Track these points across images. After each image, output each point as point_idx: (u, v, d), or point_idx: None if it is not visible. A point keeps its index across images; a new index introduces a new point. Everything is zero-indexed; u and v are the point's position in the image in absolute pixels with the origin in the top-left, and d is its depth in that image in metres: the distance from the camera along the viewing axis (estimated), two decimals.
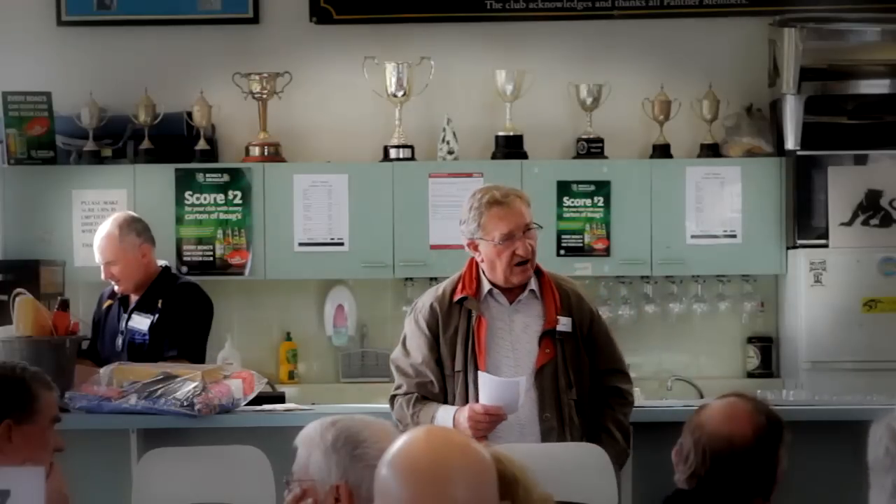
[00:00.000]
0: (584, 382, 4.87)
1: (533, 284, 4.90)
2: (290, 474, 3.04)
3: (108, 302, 6.15)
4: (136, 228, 6.04)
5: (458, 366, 4.84)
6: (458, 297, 4.90)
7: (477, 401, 4.76)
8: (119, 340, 6.02)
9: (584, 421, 4.86)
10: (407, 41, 7.86)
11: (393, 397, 4.99)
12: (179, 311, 6.00)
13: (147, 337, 5.95)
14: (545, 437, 4.79)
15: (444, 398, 4.88)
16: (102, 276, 6.05)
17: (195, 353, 5.99)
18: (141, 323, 5.98)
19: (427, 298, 4.98)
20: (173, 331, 5.95)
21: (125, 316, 6.04)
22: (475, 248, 4.90)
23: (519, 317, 4.89)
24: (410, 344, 4.95)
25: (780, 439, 3.52)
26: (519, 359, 4.84)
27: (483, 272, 4.92)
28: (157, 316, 5.97)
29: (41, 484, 2.99)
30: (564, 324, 4.86)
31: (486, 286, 4.89)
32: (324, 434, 3.00)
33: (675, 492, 3.57)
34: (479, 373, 4.76)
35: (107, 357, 5.91)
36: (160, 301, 5.99)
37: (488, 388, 4.71)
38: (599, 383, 4.92)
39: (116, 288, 6.05)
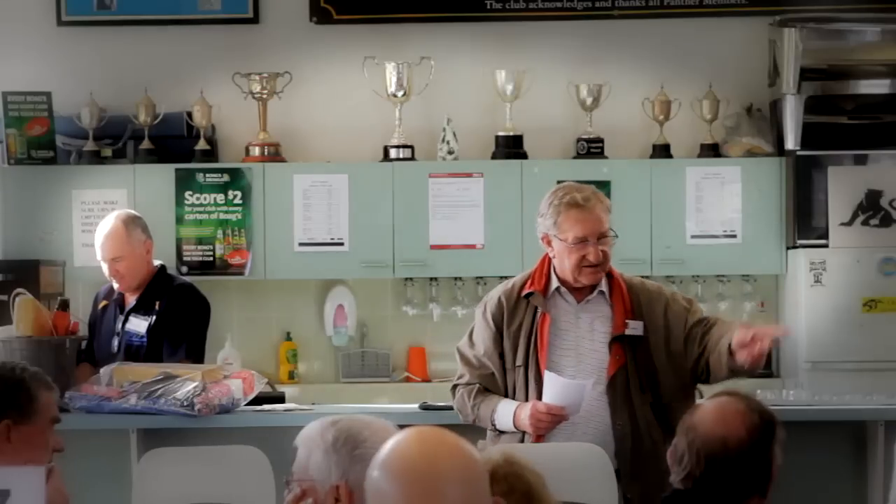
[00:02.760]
0: (658, 383, 4.82)
1: (603, 286, 4.86)
2: (290, 474, 3.04)
3: (104, 302, 6.12)
4: (140, 224, 6.05)
5: (520, 361, 4.83)
6: (525, 291, 4.88)
7: (538, 397, 4.74)
8: (115, 342, 5.99)
9: (662, 420, 4.77)
10: (407, 41, 7.86)
11: (454, 387, 4.98)
12: (182, 313, 5.99)
13: (145, 339, 5.94)
14: (619, 444, 4.76)
15: (506, 391, 4.87)
16: (107, 274, 6.01)
17: (200, 355, 6.00)
18: (138, 325, 5.97)
19: (496, 292, 4.96)
20: (177, 333, 5.93)
21: (121, 317, 6.02)
22: (548, 243, 4.87)
23: (585, 316, 4.85)
24: (476, 335, 4.94)
25: (774, 437, 3.52)
26: (581, 358, 4.81)
27: (554, 269, 4.89)
28: (154, 318, 5.95)
29: (41, 484, 2.99)
30: (634, 327, 4.81)
31: (555, 283, 4.86)
32: (324, 434, 3.00)
33: (672, 492, 3.57)
34: (546, 372, 4.74)
35: (103, 358, 5.90)
36: (158, 303, 5.98)
37: (553, 387, 4.70)
38: (715, 341, 4.75)
39: (117, 286, 6.03)
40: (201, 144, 7.71)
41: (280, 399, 5.92)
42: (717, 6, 7.92)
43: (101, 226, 6.05)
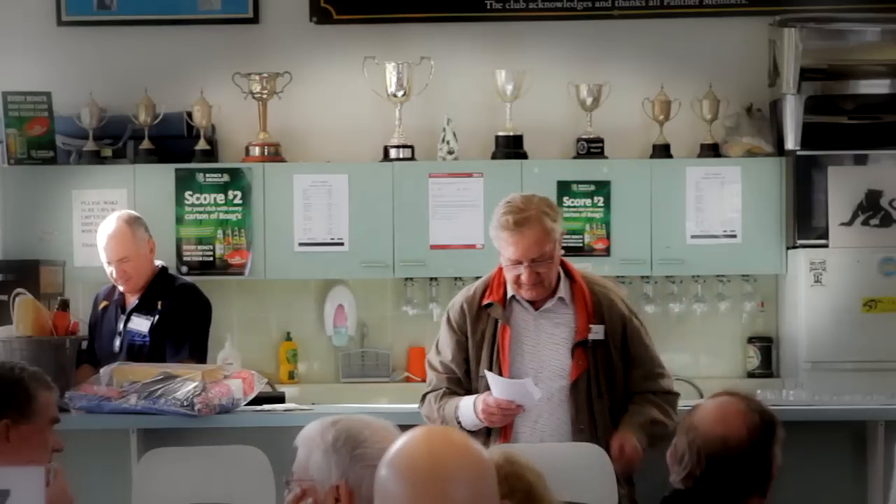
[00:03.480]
0: (616, 388, 4.86)
1: (563, 291, 4.86)
2: (290, 474, 3.04)
3: (104, 303, 6.12)
4: (142, 224, 6.05)
5: (483, 371, 4.85)
6: (485, 301, 4.89)
7: None
8: (117, 342, 5.99)
9: (615, 423, 4.85)
10: (407, 41, 7.86)
11: (424, 396, 5.00)
12: (185, 313, 5.99)
13: (147, 339, 5.94)
14: None
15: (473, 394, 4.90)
16: (112, 276, 5.97)
17: (203, 355, 6.00)
18: (141, 325, 5.96)
19: (459, 298, 4.98)
20: (180, 334, 5.93)
21: (123, 317, 6.01)
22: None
23: (544, 323, 4.86)
24: (442, 342, 4.97)
25: (774, 436, 3.52)
26: (542, 365, 4.83)
27: None
28: (156, 317, 5.95)
29: (41, 484, 2.99)
30: (597, 332, 4.82)
31: (511, 291, 4.88)
32: (324, 434, 3.00)
33: (672, 492, 3.57)
34: (486, 372, 4.78)
35: (104, 358, 5.90)
36: (160, 302, 5.98)
37: (496, 387, 4.74)
38: (636, 387, 4.88)
39: (122, 287, 6.01)
40: (201, 144, 7.71)
41: (280, 399, 5.92)
42: (717, 6, 7.92)
43: (104, 228, 6.02)
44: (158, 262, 6.12)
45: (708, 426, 3.49)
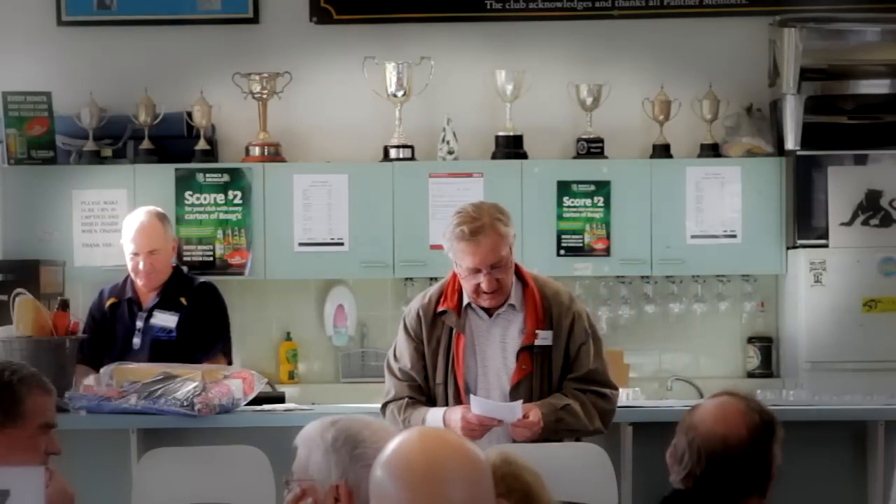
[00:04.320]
0: (556, 391, 4.84)
1: (514, 298, 4.85)
2: (290, 474, 3.05)
3: (113, 300, 6.09)
4: (170, 221, 6.12)
5: (439, 379, 4.86)
6: (439, 309, 4.89)
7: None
8: (136, 339, 5.97)
9: None
10: (407, 41, 7.86)
11: (385, 405, 4.98)
12: (211, 313, 6.05)
13: (174, 335, 5.95)
14: None
15: (433, 402, 4.89)
16: (137, 269, 5.93)
17: (230, 354, 6.13)
18: (167, 321, 5.96)
19: (415, 304, 4.98)
20: (210, 334, 6.01)
21: (142, 314, 6.00)
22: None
23: (497, 331, 4.86)
24: (400, 349, 4.97)
25: (774, 436, 3.53)
26: (492, 372, 4.84)
27: None
28: (182, 314, 5.97)
29: (41, 484, 2.99)
30: (544, 337, 4.81)
31: (466, 299, 4.88)
32: (324, 434, 3.00)
33: (672, 492, 3.57)
34: (472, 397, 4.74)
35: (119, 356, 5.87)
36: (183, 299, 6.00)
37: (479, 408, 4.71)
38: (566, 388, 4.84)
39: (143, 282, 5.97)
40: (201, 144, 7.71)
41: (280, 399, 5.92)
42: (717, 6, 7.93)
43: (133, 220, 6.03)
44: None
45: (708, 426, 3.49)
